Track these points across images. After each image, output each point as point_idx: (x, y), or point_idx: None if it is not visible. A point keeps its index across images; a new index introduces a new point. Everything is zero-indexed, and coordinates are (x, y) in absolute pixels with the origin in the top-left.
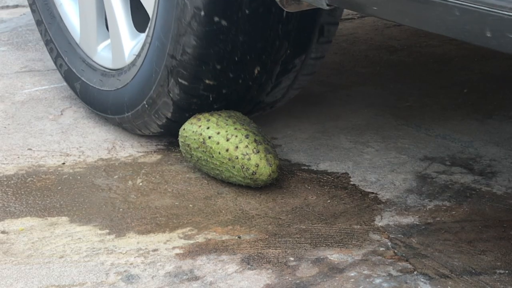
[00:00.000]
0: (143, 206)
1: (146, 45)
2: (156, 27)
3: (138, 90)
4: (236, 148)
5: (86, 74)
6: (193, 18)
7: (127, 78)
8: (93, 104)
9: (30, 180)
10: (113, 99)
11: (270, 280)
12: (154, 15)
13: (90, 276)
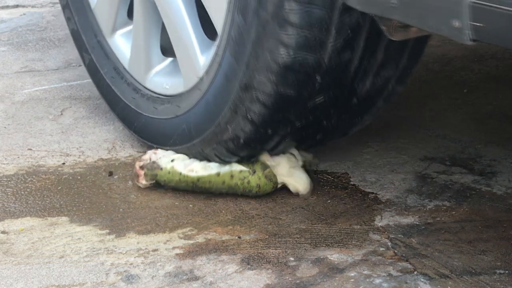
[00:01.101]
0: (143, 206)
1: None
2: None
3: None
4: (232, 177)
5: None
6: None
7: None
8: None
9: (30, 180)
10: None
11: (270, 280)
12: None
13: (90, 276)
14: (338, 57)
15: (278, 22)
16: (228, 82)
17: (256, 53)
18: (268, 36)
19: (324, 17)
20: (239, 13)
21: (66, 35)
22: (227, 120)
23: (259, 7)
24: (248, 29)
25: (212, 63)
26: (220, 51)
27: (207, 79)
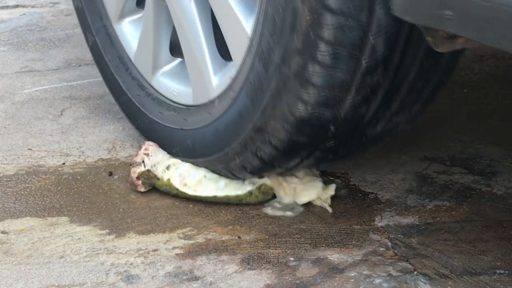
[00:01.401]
0: (143, 206)
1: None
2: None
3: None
4: (228, 199)
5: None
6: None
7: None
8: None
9: (30, 180)
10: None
11: (270, 280)
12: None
13: (90, 276)
14: (355, 111)
15: (300, 81)
16: (242, 120)
17: (274, 103)
18: (288, 91)
19: (346, 79)
20: (260, 62)
21: (66, 35)
22: (235, 152)
23: (282, 64)
24: (269, 80)
25: (226, 92)
26: (235, 87)
27: (219, 106)
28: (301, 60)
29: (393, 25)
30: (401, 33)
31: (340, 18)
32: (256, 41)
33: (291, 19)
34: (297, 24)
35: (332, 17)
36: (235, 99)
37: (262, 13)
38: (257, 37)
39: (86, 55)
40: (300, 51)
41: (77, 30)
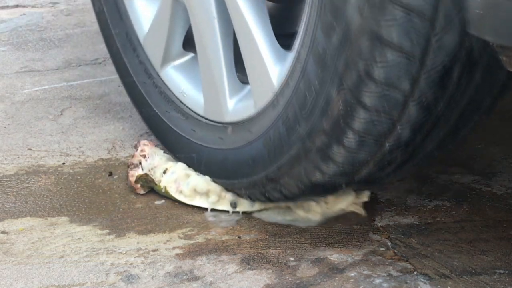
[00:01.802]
0: (143, 206)
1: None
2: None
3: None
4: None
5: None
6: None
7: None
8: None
9: (30, 180)
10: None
11: (270, 280)
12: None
13: (90, 276)
14: (369, 176)
15: (321, 156)
16: (254, 165)
17: (292, 165)
18: (308, 161)
19: (367, 158)
20: (283, 125)
21: (66, 35)
22: (243, 185)
23: (307, 138)
24: (290, 145)
25: (241, 127)
26: (253, 129)
27: (232, 136)
28: (326, 140)
29: (422, 116)
30: (428, 121)
31: (372, 114)
32: (282, 104)
33: (323, 104)
34: (328, 110)
35: (365, 113)
36: (251, 142)
37: (293, 81)
38: (284, 99)
39: (86, 55)
40: (327, 132)
41: (77, 30)
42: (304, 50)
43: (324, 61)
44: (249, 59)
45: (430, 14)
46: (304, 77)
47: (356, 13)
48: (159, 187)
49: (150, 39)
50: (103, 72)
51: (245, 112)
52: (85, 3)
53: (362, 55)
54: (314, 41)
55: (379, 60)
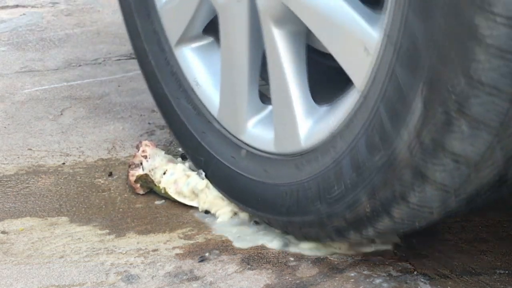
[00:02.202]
0: (143, 206)
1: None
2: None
3: None
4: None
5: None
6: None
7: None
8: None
9: (30, 180)
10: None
11: (270, 280)
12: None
13: (90, 276)
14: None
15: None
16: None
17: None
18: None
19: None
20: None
21: (66, 35)
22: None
23: (325, 219)
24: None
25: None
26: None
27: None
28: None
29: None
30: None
31: (398, 224)
32: (306, 174)
33: (350, 200)
34: (355, 207)
35: (390, 221)
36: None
37: (322, 166)
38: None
39: (86, 55)
40: (349, 223)
41: (77, 30)
42: (344, 150)
43: (361, 170)
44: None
45: (477, 163)
46: (338, 172)
47: (405, 149)
48: (159, 188)
49: (168, 9)
50: (103, 72)
51: (263, 140)
52: (85, 3)
53: (402, 182)
54: (356, 150)
55: (417, 190)
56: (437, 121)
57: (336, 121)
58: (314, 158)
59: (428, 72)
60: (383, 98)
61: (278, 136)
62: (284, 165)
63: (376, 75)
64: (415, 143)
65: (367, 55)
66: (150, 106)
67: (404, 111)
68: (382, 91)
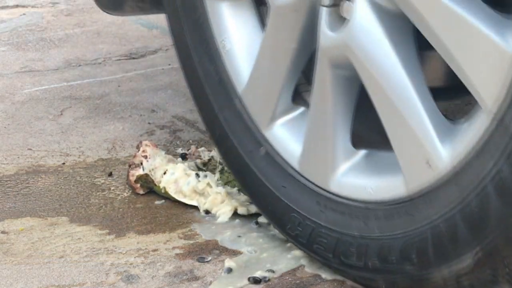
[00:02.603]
0: (143, 206)
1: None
2: None
3: None
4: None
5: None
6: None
7: None
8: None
9: (30, 180)
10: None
11: (270, 280)
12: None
13: (90, 276)
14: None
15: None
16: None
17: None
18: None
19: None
20: None
21: (66, 35)
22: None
23: None
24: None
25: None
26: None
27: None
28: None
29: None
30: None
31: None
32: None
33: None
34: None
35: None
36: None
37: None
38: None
39: (86, 55)
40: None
41: (77, 30)
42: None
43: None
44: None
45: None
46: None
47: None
48: (159, 188)
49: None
50: (103, 72)
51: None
52: (85, 3)
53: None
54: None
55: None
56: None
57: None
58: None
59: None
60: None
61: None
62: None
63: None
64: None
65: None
66: (150, 106)
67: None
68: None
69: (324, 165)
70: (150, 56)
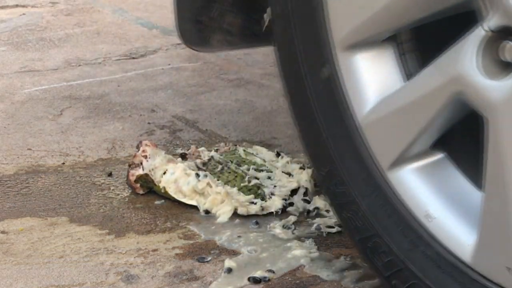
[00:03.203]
0: (142, 206)
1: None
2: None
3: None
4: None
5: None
6: None
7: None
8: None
9: (30, 180)
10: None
11: (270, 280)
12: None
13: (90, 276)
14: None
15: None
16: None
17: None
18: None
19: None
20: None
21: (66, 35)
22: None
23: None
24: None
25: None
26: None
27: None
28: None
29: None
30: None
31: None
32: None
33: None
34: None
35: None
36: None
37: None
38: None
39: (86, 55)
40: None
41: (77, 30)
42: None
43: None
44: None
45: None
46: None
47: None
48: (158, 188)
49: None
50: (103, 72)
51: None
52: (85, 3)
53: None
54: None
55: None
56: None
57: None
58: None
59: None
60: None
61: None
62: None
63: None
64: None
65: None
66: (149, 106)
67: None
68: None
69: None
70: (150, 56)
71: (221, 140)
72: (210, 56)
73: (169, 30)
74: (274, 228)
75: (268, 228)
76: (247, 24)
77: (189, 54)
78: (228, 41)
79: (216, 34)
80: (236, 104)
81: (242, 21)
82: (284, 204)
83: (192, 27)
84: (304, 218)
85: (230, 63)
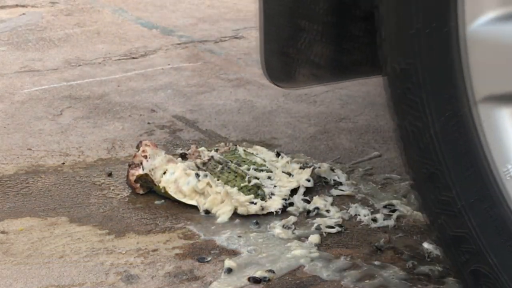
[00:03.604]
0: (142, 206)
1: None
2: None
3: None
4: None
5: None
6: None
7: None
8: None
9: (30, 180)
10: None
11: (270, 280)
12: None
13: (90, 276)
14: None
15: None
16: None
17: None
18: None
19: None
20: None
21: (66, 34)
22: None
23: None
24: None
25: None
26: None
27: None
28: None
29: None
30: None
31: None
32: None
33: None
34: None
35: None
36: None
37: None
38: None
39: (86, 54)
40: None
41: (77, 30)
42: None
43: None
44: None
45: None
46: None
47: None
48: (158, 188)
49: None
50: (103, 72)
51: None
52: (85, 3)
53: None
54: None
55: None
56: None
57: None
58: None
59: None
60: None
61: None
62: None
63: None
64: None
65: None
66: (149, 106)
67: None
68: None
69: None
70: (150, 56)
71: (221, 140)
72: (210, 56)
73: (169, 30)
74: (274, 228)
75: (268, 228)
76: (336, 56)
77: (189, 54)
78: (315, 75)
79: (303, 67)
80: (236, 104)
81: (331, 51)
82: (284, 204)
83: (278, 60)
84: (304, 218)
85: (230, 63)
